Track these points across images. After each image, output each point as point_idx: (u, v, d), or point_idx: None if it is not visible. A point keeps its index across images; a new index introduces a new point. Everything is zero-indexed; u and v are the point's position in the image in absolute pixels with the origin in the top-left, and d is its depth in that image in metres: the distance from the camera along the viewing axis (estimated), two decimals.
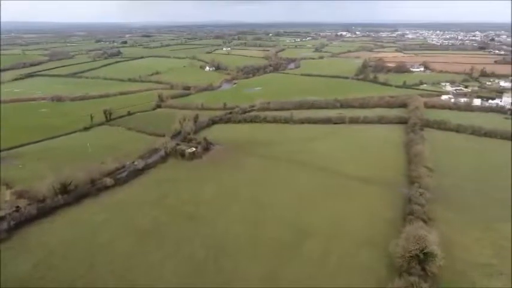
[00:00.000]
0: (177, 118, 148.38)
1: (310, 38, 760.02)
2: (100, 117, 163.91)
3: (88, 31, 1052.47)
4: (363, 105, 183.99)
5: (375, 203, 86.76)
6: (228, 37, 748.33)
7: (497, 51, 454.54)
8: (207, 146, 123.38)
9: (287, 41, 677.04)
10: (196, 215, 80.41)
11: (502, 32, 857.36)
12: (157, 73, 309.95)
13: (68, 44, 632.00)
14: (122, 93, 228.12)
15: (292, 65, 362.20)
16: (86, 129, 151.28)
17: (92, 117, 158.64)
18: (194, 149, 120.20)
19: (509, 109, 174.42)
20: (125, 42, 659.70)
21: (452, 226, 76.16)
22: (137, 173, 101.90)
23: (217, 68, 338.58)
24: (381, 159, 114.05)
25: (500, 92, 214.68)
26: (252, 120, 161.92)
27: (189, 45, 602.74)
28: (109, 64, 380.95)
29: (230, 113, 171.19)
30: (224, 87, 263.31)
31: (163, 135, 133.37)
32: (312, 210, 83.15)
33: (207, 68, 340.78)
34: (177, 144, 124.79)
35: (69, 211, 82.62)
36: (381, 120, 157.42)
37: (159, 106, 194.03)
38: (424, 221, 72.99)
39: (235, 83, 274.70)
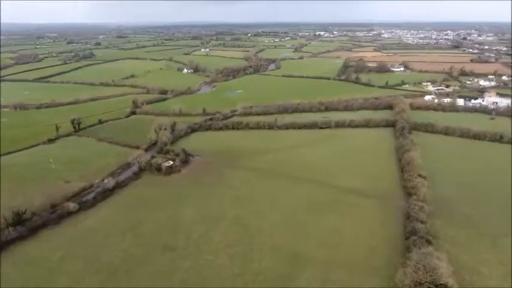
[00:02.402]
0: (153, 126, 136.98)
1: (288, 38, 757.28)
2: (68, 127, 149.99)
3: (60, 32, 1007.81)
4: (347, 108, 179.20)
5: (372, 220, 79.53)
6: (206, 38, 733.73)
7: (470, 50, 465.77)
8: (186, 158, 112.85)
9: (266, 41, 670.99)
10: (174, 245, 70.16)
11: (473, 31, 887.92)
12: (132, 76, 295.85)
13: (38, 46, 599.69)
14: (93, 99, 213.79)
15: (272, 66, 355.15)
16: (50, 141, 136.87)
17: (57, 128, 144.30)
18: (171, 162, 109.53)
19: (493, 109, 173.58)
20: (99, 44, 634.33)
21: (457, 244, 69.84)
22: (107, 193, 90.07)
23: (196, 70, 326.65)
24: (372, 168, 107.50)
25: (481, 91, 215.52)
26: (234, 127, 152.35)
27: (166, 47, 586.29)
28: (80, 67, 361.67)
29: (210, 119, 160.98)
30: (203, 91, 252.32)
31: (138, 147, 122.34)
32: (305, 232, 74.83)
33: (185, 70, 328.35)
34: (153, 157, 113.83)
35: (23, 247, 70.18)
36: (367, 124, 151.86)
37: (133, 113, 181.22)
38: (429, 242, 66.20)
39: (214, 86, 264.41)
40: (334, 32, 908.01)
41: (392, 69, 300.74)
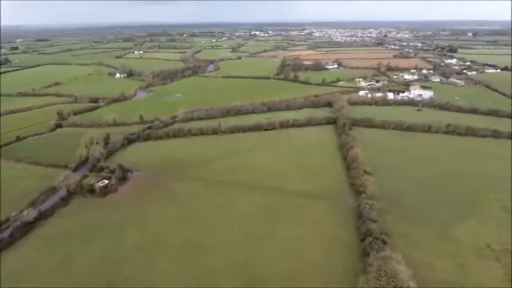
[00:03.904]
0: (83, 141, 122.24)
1: (225, 38, 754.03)
2: None
3: None
4: (289, 107, 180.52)
5: (326, 223, 78.39)
6: (138, 39, 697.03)
7: (392, 47, 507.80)
8: (124, 175, 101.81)
9: (203, 41, 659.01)
10: (115, 281, 61.01)
11: (392, 29, 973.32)
12: (56, 84, 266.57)
13: None
14: (8, 113, 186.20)
15: (211, 67, 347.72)
16: None
17: None
18: (107, 181, 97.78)
19: (419, 101, 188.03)
20: (16, 48, 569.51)
21: (409, 240, 71.43)
22: (27, 227, 76.30)
23: (130, 74, 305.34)
24: (320, 168, 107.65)
25: (406, 85, 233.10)
26: (176, 135, 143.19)
27: (95, 50, 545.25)
28: None
29: (149, 127, 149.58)
30: (139, 96, 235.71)
31: (65, 166, 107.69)
32: (261, 246, 70.77)
33: (118, 75, 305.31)
34: (84, 177, 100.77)
35: None
36: (310, 123, 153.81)
37: (59, 126, 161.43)
38: (384, 242, 66.54)
39: (151, 91, 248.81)
40: (269, 32, 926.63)
41: (326, 66, 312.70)
